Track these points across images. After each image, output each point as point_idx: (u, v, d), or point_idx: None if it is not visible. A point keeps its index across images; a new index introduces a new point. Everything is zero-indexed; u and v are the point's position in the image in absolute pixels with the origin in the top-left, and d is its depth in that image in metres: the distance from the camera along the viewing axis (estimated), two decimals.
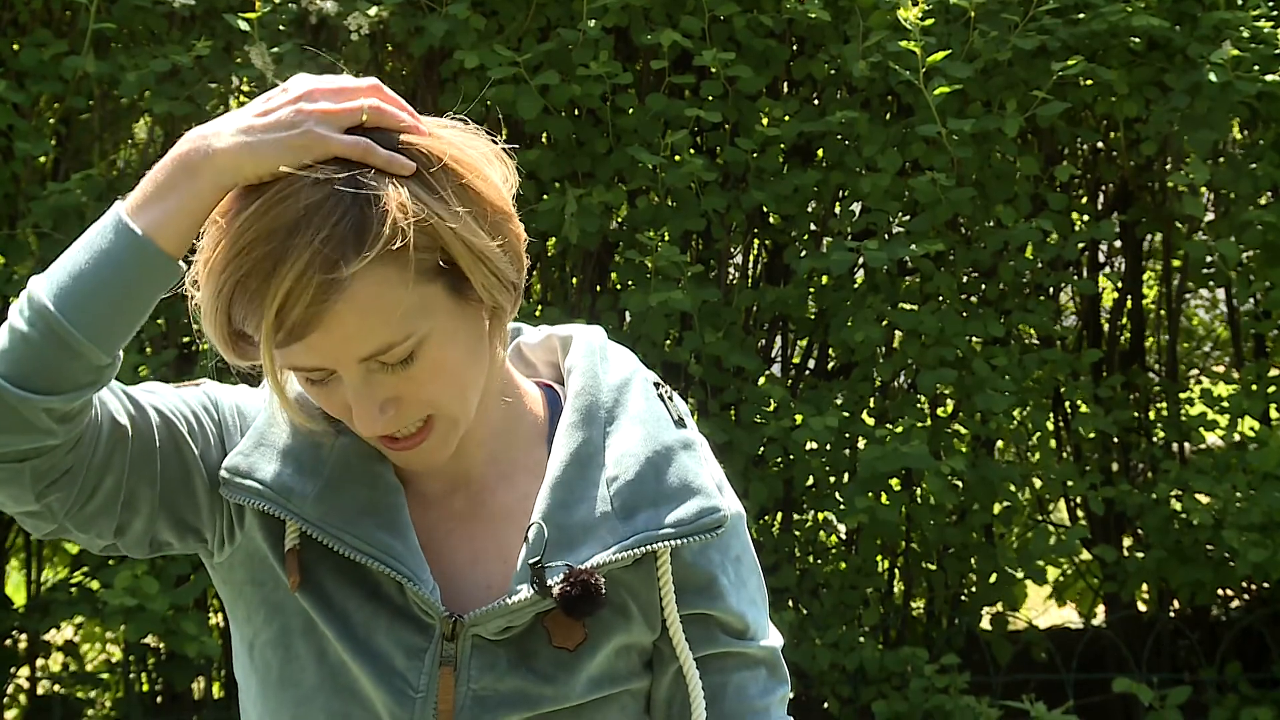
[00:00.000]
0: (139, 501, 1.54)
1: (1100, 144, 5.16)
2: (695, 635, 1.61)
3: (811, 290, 4.94)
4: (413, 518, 1.59)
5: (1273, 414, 5.10)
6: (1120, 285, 5.49)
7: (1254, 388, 4.93)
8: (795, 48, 4.97)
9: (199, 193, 1.43)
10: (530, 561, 1.53)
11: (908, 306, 4.82)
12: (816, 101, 4.94)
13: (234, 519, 1.60)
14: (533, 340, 1.72)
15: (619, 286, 4.92)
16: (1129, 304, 5.45)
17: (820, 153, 4.95)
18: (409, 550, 1.55)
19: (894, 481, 4.91)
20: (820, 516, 5.05)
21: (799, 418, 4.63)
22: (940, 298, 4.79)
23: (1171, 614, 5.30)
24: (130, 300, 1.44)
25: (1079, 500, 5.33)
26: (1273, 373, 5.06)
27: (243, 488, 1.56)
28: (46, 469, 1.47)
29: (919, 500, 4.91)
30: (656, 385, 1.66)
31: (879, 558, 5.15)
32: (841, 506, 4.66)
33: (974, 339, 4.75)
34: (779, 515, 5.05)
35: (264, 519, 1.58)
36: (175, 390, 1.60)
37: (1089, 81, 4.75)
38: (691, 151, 4.70)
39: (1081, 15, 4.70)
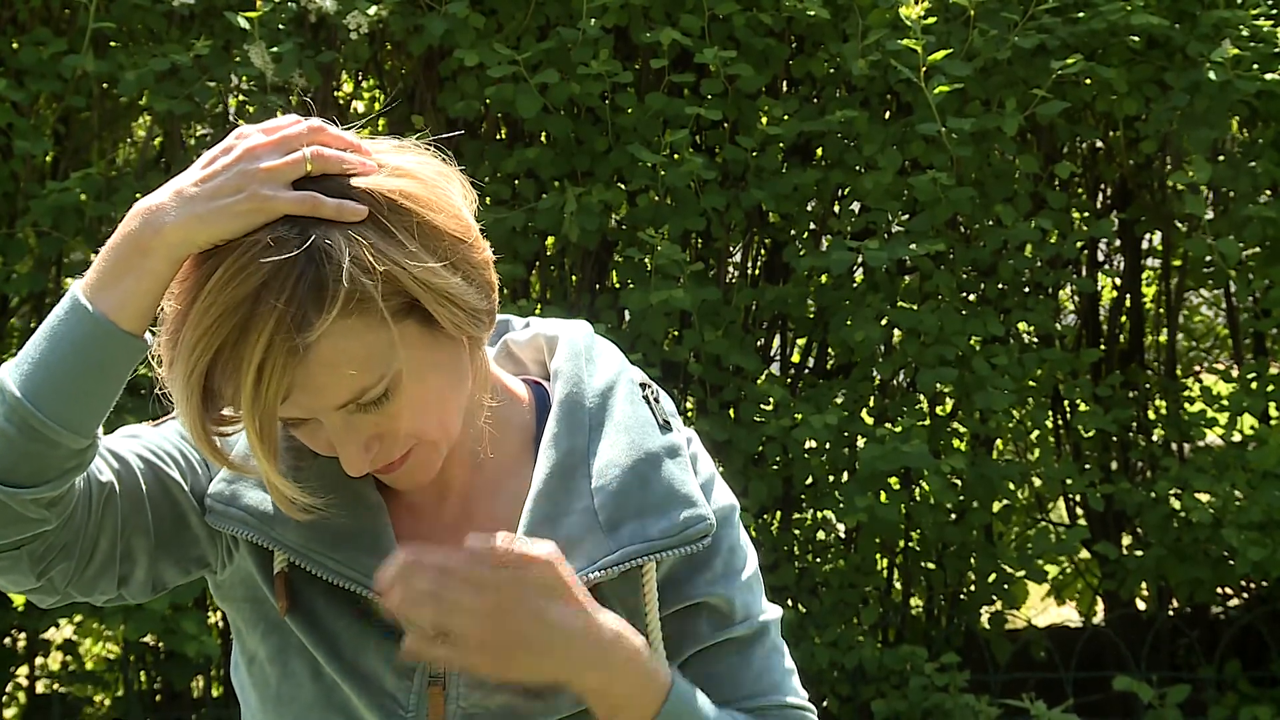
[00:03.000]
0: (136, 552, 1.55)
1: (1100, 142, 5.16)
2: (690, 629, 1.61)
3: (811, 289, 4.94)
4: (402, 529, 1.59)
5: (1272, 412, 5.10)
6: (1119, 283, 5.49)
7: (1253, 386, 4.93)
8: (795, 46, 4.97)
9: (154, 270, 1.42)
10: None
11: (907, 305, 4.82)
12: (816, 100, 4.94)
13: (230, 541, 1.61)
14: (521, 339, 1.71)
15: (618, 285, 4.92)
16: (1128, 302, 5.45)
17: (820, 151, 4.95)
18: None
19: (893, 480, 4.91)
20: (819, 515, 5.05)
21: (799, 416, 4.63)
22: (940, 296, 4.79)
23: (1171, 612, 5.30)
24: (100, 383, 1.43)
25: (1078, 498, 5.33)
26: (1272, 371, 5.06)
27: (227, 515, 1.56)
28: (43, 550, 1.49)
29: (918, 499, 4.91)
30: (643, 386, 1.64)
31: (878, 556, 5.15)
32: (841, 505, 4.66)
33: (973, 338, 4.74)
34: (778, 514, 5.05)
35: (252, 543, 1.58)
36: (154, 428, 1.61)
37: (1088, 80, 4.75)
38: (691, 150, 4.70)
39: (1081, 14, 4.71)
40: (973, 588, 5.08)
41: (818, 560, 5.03)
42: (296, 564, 1.56)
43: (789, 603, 4.84)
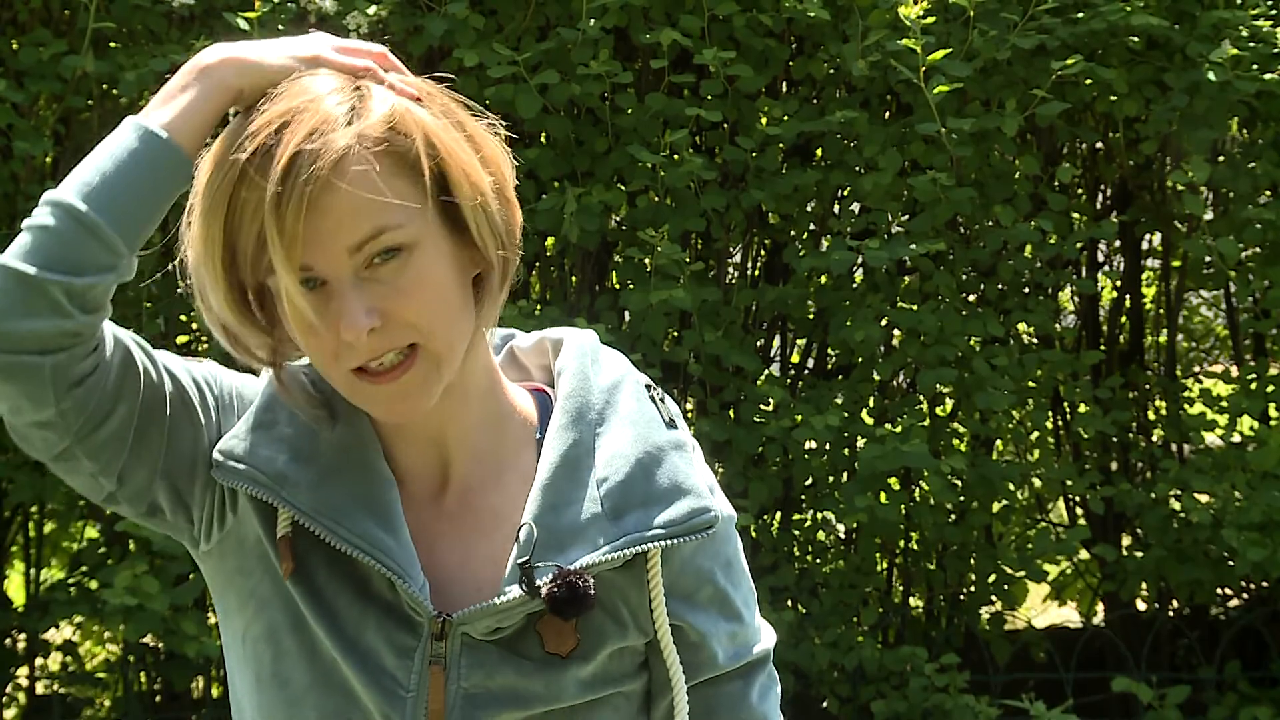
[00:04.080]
0: (147, 446, 1.53)
1: (1099, 144, 5.16)
2: (688, 659, 1.61)
3: (811, 289, 4.94)
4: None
5: (1272, 413, 5.10)
6: (1119, 284, 5.49)
7: (1253, 387, 4.93)
8: (795, 47, 4.97)
9: (211, 91, 1.50)
10: (519, 561, 1.53)
11: (907, 306, 4.82)
12: (816, 101, 4.94)
13: (225, 502, 1.58)
14: (525, 344, 1.71)
15: (618, 286, 4.92)
16: (1128, 303, 5.45)
17: (820, 152, 4.95)
18: (401, 546, 1.54)
19: (893, 480, 4.91)
20: (819, 516, 5.05)
21: (798, 417, 4.63)
22: (940, 297, 4.79)
23: (1171, 613, 5.30)
24: (145, 188, 1.49)
25: (1078, 499, 5.33)
26: (1272, 372, 5.06)
27: (236, 471, 1.55)
28: (66, 367, 1.47)
29: (918, 499, 4.92)
30: (648, 387, 1.64)
31: (878, 557, 5.15)
32: (841, 506, 4.66)
33: (973, 338, 4.75)
34: (778, 515, 5.05)
35: (260, 505, 1.57)
36: (183, 359, 1.60)
37: (1088, 81, 4.75)
38: (691, 151, 4.70)
39: (1080, 14, 4.70)
40: (973, 588, 5.08)
41: (818, 561, 5.03)
42: (304, 526, 1.54)
43: (789, 603, 4.84)
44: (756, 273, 5.21)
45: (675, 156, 4.61)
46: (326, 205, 1.44)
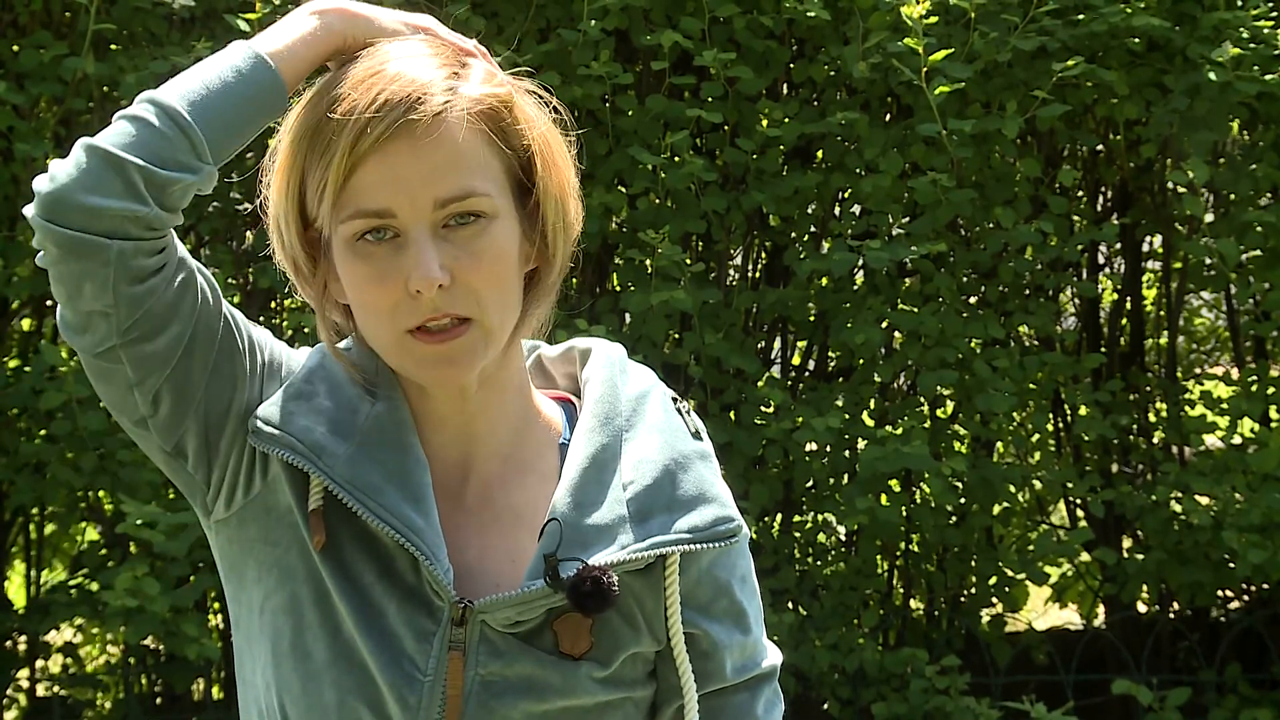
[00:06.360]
0: (188, 376, 1.53)
1: (1100, 146, 5.16)
2: (699, 669, 1.61)
3: (812, 292, 4.94)
4: None
5: (1272, 415, 5.10)
6: (1120, 287, 5.49)
7: (1254, 389, 4.93)
8: (795, 49, 4.97)
9: (320, 33, 1.55)
10: (545, 554, 1.53)
11: (908, 308, 4.82)
12: (816, 103, 4.95)
13: (255, 466, 1.57)
14: (552, 353, 1.72)
15: (619, 288, 4.92)
16: (1129, 305, 5.45)
17: (820, 154, 4.95)
18: (430, 528, 1.54)
19: (894, 482, 4.91)
20: (820, 518, 5.05)
21: (799, 419, 4.64)
22: (940, 299, 4.79)
23: (1171, 615, 5.30)
24: (246, 111, 1.53)
25: (1079, 502, 5.33)
26: (1272, 374, 5.06)
27: (273, 438, 1.54)
28: (131, 256, 1.48)
29: (919, 501, 4.92)
30: (675, 400, 1.67)
31: (879, 559, 5.15)
32: (841, 508, 4.67)
33: (974, 340, 4.75)
34: (779, 516, 5.05)
35: (293, 475, 1.56)
36: (243, 316, 1.61)
37: (1089, 83, 4.75)
38: (691, 152, 4.70)
39: (1081, 16, 4.71)
40: (973, 590, 5.08)
41: (818, 563, 5.03)
42: (336, 499, 1.54)
43: (790, 605, 4.84)
44: (757, 275, 5.21)
45: (676, 158, 4.61)
46: (425, 150, 1.49)
